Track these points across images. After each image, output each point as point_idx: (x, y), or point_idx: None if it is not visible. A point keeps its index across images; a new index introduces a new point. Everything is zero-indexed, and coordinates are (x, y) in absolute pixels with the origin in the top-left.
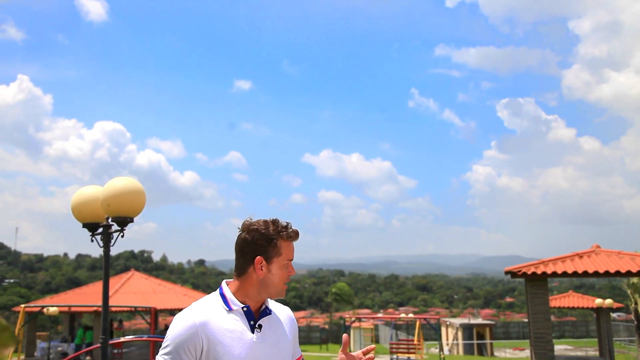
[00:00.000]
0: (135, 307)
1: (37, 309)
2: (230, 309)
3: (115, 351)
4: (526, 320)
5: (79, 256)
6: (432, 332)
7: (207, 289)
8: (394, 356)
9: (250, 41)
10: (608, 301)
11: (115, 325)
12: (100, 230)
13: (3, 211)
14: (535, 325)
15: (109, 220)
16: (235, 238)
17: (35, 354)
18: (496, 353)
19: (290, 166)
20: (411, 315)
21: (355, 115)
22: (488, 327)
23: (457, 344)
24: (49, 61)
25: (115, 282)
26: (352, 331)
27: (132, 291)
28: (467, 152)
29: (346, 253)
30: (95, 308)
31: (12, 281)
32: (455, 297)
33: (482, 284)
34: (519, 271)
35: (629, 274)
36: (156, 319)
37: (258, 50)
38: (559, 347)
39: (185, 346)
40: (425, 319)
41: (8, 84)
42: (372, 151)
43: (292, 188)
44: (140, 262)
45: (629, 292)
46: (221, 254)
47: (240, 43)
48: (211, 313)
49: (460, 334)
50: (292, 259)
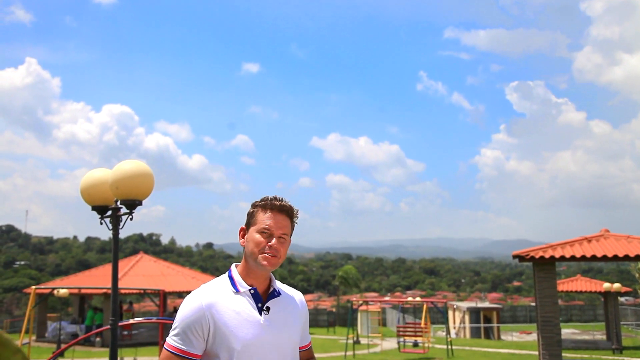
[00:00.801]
0: (144, 290)
1: (48, 291)
2: (237, 291)
3: (124, 333)
4: (533, 304)
5: (89, 239)
6: (439, 316)
7: (215, 272)
8: (401, 339)
9: (258, 24)
10: (616, 285)
11: (124, 307)
12: (109, 213)
13: (13, 194)
14: (542, 309)
15: (118, 203)
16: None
17: (46, 335)
18: (503, 337)
19: (298, 150)
20: (418, 298)
21: (363, 98)
22: (495, 311)
23: (464, 328)
24: (57, 44)
25: (124, 265)
26: (360, 314)
27: (141, 274)
28: (476, 136)
29: (354, 236)
30: (104, 290)
31: (23, 263)
32: (462, 281)
33: (490, 268)
34: (527, 255)
35: (638, 258)
36: (165, 302)
37: (266, 33)
38: (566, 331)
39: (192, 327)
40: (432, 303)
41: (16, 67)
42: (380, 135)
43: (300, 172)
44: (148, 245)
45: (637, 277)
46: (229, 237)
47: (248, 26)
48: (218, 295)
49: (467, 318)
50: (270, 230)
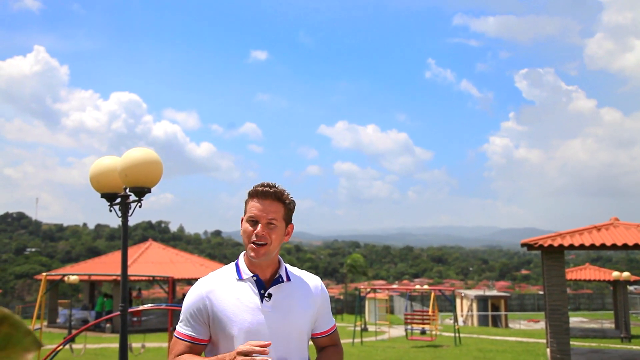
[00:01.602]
0: (153, 277)
1: (59, 278)
2: (240, 278)
3: (134, 319)
4: (541, 292)
5: (98, 226)
6: (447, 304)
7: (224, 260)
8: (409, 327)
9: (266, 11)
10: (625, 274)
11: (134, 294)
12: (118, 200)
13: (24, 181)
14: (551, 297)
15: (127, 190)
16: None
17: (57, 321)
18: (511, 325)
19: (305, 137)
20: (426, 286)
21: (371, 86)
22: (503, 299)
23: (472, 316)
24: (65, 32)
25: (133, 252)
26: (367, 302)
27: (150, 261)
28: (485, 124)
29: (362, 224)
30: (114, 277)
31: (34, 250)
32: (470, 269)
33: (498, 256)
34: (536, 243)
35: None
36: (174, 288)
37: (274, 20)
38: (574, 319)
39: (194, 314)
40: (440, 291)
41: (25, 55)
42: (388, 122)
43: (308, 160)
44: (157, 233)
45: None
46: (237, 225)
47: (256, 13)
48: (220, 282)
49: (475, 306)
50: (255, 217)
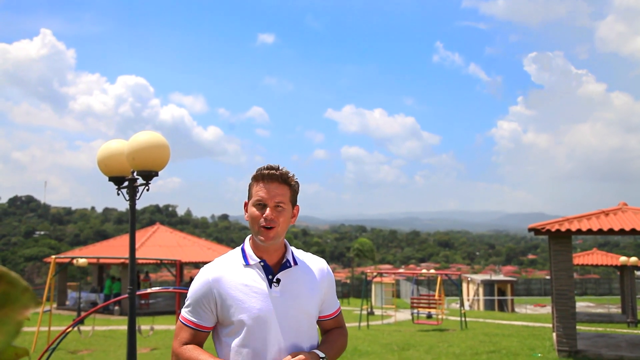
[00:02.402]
0: (161, 260)
1: (67, 260)
2: (247, 264)
3: (142, 302)
4: (548, 277)
5: (106, 210)
6: (454, 288)
7: (231, 243)
8: (415, 311)
9: None
10: (633, 259)
11: (142, 277)
12: (126, 183)
13: (32, 165)
14: (557, 282)
15: (135, 174)
16: None
17: (66, 303)
18: (517, 309)
19: (312, 122)
20: (432, 271)
21: (378, 70)
22: (509, 284)
23: (478, 300)
24: (72, 15)
25: (141, 235)
26: (374, 286)
27: (158, 244)
28: (493, 108)
29: (368, 209)
30: (122, 260)
31: (43, 233)
32: (477, 254)
33: (505, 241)
34: (543, 228)
35: None
36: (181, 272)
37: (282, 3)
38: (581, 304)
39: (200, 301)
40: (446, 275)
41: (31, 39)
42: (396, 107)
43: (315, 144)
44: (165, 216)
45: None
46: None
47: None
48: (227, 268)
49: (481, 290)
50: (263, 201)
